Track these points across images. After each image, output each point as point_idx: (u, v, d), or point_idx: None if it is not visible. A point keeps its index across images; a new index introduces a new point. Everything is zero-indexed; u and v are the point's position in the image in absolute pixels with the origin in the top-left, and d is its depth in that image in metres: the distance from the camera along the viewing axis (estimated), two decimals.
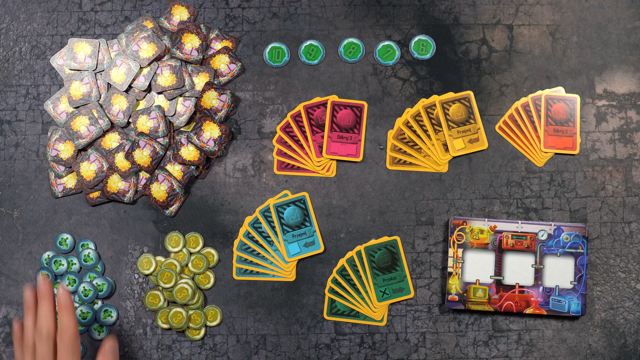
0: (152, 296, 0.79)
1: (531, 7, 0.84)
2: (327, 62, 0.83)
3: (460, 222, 0.78)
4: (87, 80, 0.81)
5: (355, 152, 0.81)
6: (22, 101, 0.83)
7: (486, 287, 0.77)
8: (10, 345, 0.80)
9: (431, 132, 0.81)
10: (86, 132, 0.80)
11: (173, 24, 0.84)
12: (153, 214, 0.81)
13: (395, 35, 0.84)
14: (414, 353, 0.79)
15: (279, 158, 0.82)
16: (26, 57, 0.84)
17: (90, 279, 0.79)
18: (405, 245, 0.80)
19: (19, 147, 0.82)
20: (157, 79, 0.81)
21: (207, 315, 0.79)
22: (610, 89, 0.82)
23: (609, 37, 0.83)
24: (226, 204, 0.81)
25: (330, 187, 0.82)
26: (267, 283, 0.80)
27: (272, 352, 0.79)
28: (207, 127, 0.80)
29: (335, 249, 0.81)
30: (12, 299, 0.80)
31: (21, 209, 0.81)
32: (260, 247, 0.80)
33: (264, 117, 0.83)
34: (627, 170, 0.81)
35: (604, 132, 0.82)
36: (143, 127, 0.80)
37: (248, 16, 0.84)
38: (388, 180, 0.82)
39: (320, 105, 0.82)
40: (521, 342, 0.79)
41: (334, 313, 0.80)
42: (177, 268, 0.79)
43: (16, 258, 0.81)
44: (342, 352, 0.79)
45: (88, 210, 0.81)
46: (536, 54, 0.83)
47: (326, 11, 0.84)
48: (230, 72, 0.83)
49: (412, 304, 0.80)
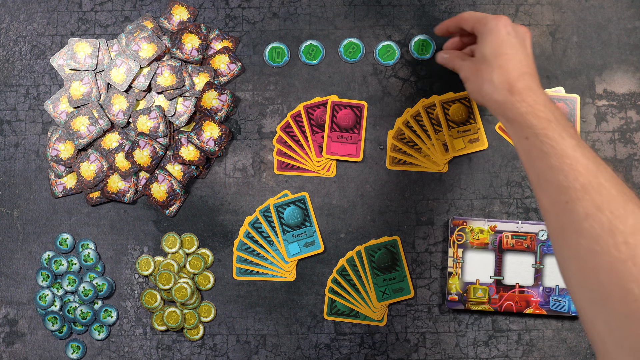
0: (149, 295, 0.79)
1: (531, 7, 0.84)
2: (327, 62, 0.83)
3: (460, 222, 0.78)
4: (87, 80, 0.81)
5: (355, 152, 0.81)
6: (22, 101, 0.83)
7: (486, 287, 0.77)
8: (11, 345, 0.80)
9: (431, 132, 0.81)
10: (86, 132, 0.80)
11: (173, 24, 0.84)
12: (153, 214, 0.81)
13: (395, 35, 0.84)
14: (414, 353, 0.79)
15: (279, 158, 0.82)
16: (26, 57, 0.84)
17: (90, 279, 0.79)
18: (405, 245, 0.80)
19: (19, 147, 0.82)
20: (157, 79, 0.81)
21: (199, 313, 0.79)
22: (610, 89, 0.82)
23: (609, 37, 0.83)
24: (226, 204, 0.81)
25: (330, 187, 0.82)
26: (267, 283, 0.80)
27: (272, 352, 0.79)
28: (207, 127, 0.80)
29: (335, 249, 0.81)
30: (12, 299, 0.80)
31: (21, 209, 0.81)
32: (260, 247, 0.80)
33: (264, 117, 0.83)
34: (627, 170, 0.81)
35: (604, 132, 0.82)
36: (143, 127, 0.80)
37: (248, 16, 0.84)
38: (388, 180, 0.82)
39: (320, 105, 0.82)
40: (521, 342, 0.79)
41: (334, 313, 0.80)
42: (175, 268, 0.79)
43: (16, 258, 0.81)
44: (342, 352, 0.79)
45: (88, 210, 0.81)
46: (536, 54, 0.83)
47: (326, 11, 0.84)
48: (230, 72, 0.83)
49: (412, 304, 0.80)
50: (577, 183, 0.52)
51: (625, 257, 0.47)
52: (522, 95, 0.60)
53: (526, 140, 0.58)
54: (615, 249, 0.48)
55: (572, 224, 0.52)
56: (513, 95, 0.61)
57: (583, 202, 0.51)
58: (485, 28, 0.67)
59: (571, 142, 0.55)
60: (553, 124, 0.57)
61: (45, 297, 0.79)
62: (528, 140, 0.58)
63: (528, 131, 0.58)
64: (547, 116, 0.58)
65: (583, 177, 0.53)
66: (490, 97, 0.64)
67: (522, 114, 0.59)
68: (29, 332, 0.80)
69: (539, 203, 0.57)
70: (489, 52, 0.65)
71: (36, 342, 0.80)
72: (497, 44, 0.65)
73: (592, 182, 0.52)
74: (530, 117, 0.58)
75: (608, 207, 0.50)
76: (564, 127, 0.57)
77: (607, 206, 0.50)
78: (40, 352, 0.80)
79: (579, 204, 0.52)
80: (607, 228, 0.49)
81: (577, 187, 0.52)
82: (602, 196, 0.51)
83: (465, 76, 0.69)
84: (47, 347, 0.80)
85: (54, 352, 0.80)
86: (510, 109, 0.61)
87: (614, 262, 0.48)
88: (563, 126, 0.57)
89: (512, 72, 0.63)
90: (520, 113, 0.60)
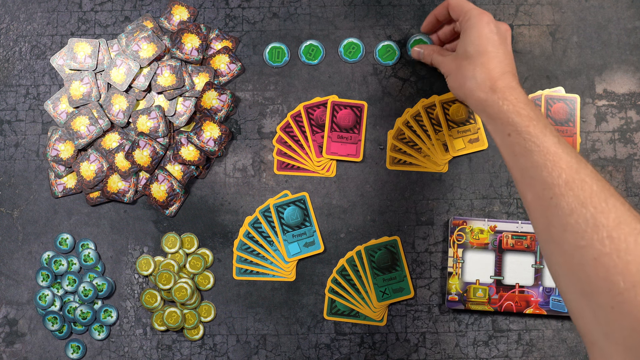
0: (149, 295, 0.79)
1: (531, 7, 0.84)
2: (327, 62, 0.83)
3: (460, 222, 0.78)
4: (87, 80, 0.81)
5: (355, 152, 0.81)
6: (22, 101, 0.83)
7: (486, 287, 0.77)
8: (11, 345, 0.80)
9: (431, 132, 0.81)
10: (86, 132, 0.80)
11: (173, 24, 0.84)
12: (153, 214, 0.81)
13: (395, 35, 0.84)
14: (414, 353, 0.79)
15: (279, 158, 0.82)
16: (26, 57, 0.84)
17: (90, 279, 0.79)
18: (405, 245, 0.80)
19: (19, 147, 0.82)
20: (157, 79, 0.81)
21: (199, 313, 0.79)
22: (610, 89, 0.82)
23: (609, 37, 0.83)
24: (226, 204, 0.81)
25: (330, 187, 0.82)
26: (267, 283, 0.80)
27: (272, 352, 0.79)
28: (207, 127, 0.80)
29: (335, 249, 0.81)
30: (12, 299, 0.80)
31: (21, 209, 0.81)
32: (260, 247, 0.80)
33: (264, 117, 0.83)
34: (627, 170, 0.81)
35: (604, 132, 0.82)
36: (143, 127, 0.80)
37: (248, 16, 0.84)
38: (388, 180, 0.82)
39: (320, 105, 0.82)
40: (521, 342, 0.79)
41: (334, 313, 0.80)
42: (175, 268, 0.79)
43: (16, 258, 0.81)
44: (342, 352, 0.79)
45: (88, 210, 0.81)
46: (536, 54, 0.83)
47: (326, 11, 0.84)
48: (230, 72, 0.83)
49: (412, 304, 0.80)
50: (560, 179, 0.54)
51: (610, 251, 0.49)
52: (504, 93, 0.62)
53: (509, 138, 0.60)
54: (600, 243, 0.49)
55: (558, 219, 0.53)
56: (495, 93, 0.62)
57: (567, 198, 0.53)
58: (468, 24, 0.68)
59: (553, 139, 0.57)
60: (534, 121, 0.59)
61: (45, 297, 0.79)
62: (510, 138, 0.59)
63: (510, 128, 0.59)
64: (529, 114, 0.59)
65: (566, 173, 0.54)
66: (472, 94, 0.65)
67: (504, 111, 0.61)
68: (29, 332, 0.80)
69: (523, 199, 0.58)
70: (472, 49, 0.66)
71: (36, 342, 0.80)
72: (479, 41, 0.66)
73: (575, 178, 0.53)
74: (513, 115, 0.60)
75: (591, 202, 0.51)
76: (545, 125, 0.58)
77: (590, 201, 0.51)
78: (40, 352, 0.80)
79: (563, 199, 0.53)
80: (591, 223, 0.50)
81: (560, 184, 0.54)
82: (584, 192, 0.52)
83: (447, 72, 0.71)
84: (47, 347, 0.80)
85: (54, 352, 0.80)
86: (492, 106, 0.62)
87: (599, 256, 0.49)
88: (544, 124, 0.58)
89: (494, 71, 0.64)
90: (502, 111, 0.61)
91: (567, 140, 0.81)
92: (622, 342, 0.46)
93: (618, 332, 0.47)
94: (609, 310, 0.47)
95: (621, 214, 0.50)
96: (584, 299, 0.50)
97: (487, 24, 0.67)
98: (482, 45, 0.66)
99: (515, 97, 0.61)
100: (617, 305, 0.47)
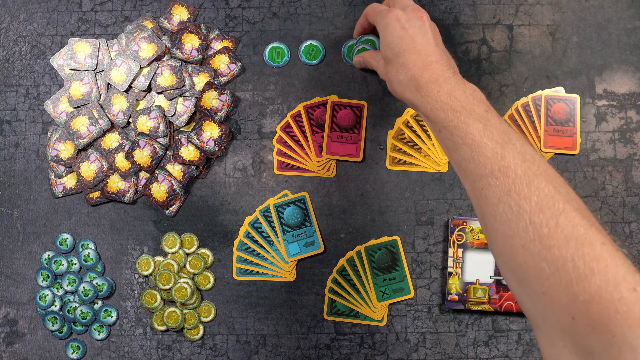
0: (149, 295, 0.79)
1: (531, 7, 0.84)
2: (327, 62, 0.83)
3: (460, 222, 0.78)
4: (87, 80, 0.81)
5: (355, 152, 0.81)
6: (22, 101, 0.83)
7: (486, 287, 0.77)
8: (11, 345, 0.80)
9: (431, 132, 0.81)
10: (86, 132, 0.80)
11: (173, 24, 0.84)
12: (153, 214, 0.81)
13: None
14: (414, 353, 0.79)
15: (279, 158, 0.82)
16: (26, 57, 0.84)
17: (90, 279, 0.79)
18: (405, 245, 0.80)
19: (19, 147, 0.82)
20: (157, 79, 0.81)
21: (199, 313, 0.79)
22: (610, 89, 0.82)
23: (609, 37, 0.83)
24: (226, 204, 0.81)
25: (330, 187, 0.82)
26: (267, 283, 0.80)
27: (272, 352, 0.79)
28: (207, 127, 0.80)
29: (335, 249, 0.81)
30: (12, 299, 0.80)
31: (21, 209, 0.81)
32: (260, 247, 0.80)
33: (264, 117, 0.83)
34: (627, 170, 0.81)
35: (604, 132, 0.82)
36: (143, 127, 0.80)
37: (248, 16, 0.84)
38: (388, 180, 0.82)
39: (320, 105, 0.82)
40: (521, 342, 0.79)
41: (334, 313, 0.80)
42: (175, 268, 0.79)
43: (16, 258, 0.81)
44: (342, 352, 0.79)
45: (88, 210, 0.81)
46: (536, 54, 0.83)
47: (326, 11, 0.84)
48: (230, 72, 0.83)
49: (412, 304, 0.80)
50: (486, 169, 0.54)
51: (533, 238, 0.49)
52: (427, 90, 0.60)
53: (440, 134, 0.60)
54: (524, 230, 0.49)
55: (488, 209, 0.53)
56: (419, 92, 0.61)
57: (494, 188, 0.53)
58: (380, 26, 0.67)
59: (477, 126, 0.56)
60: (458, 112, 0.57)
61: (45, 297, 0.79)
62: (441, 134, 0.59)
63: (439, 125, 0.59)
64: (452, 106, 0.58)
65: (491, 162, 0.54)
66: (403, 96, 0.64)
67: (430, 109, 0.60)
68: (29, 332, 0.80)
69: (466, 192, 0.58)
70: (390, 52, 0.65)
71: (36, 342, 0.80)
72: (394, 41, 0.65)
73: (500, 167, 0.53)
74: (438, 112, 0.59)
75: (515, 189, 0.51)
76: (470, 112, 0.57)
77: (514, 188, 0.51)
78: (40, 352, 0.80)
79: (491, 190, 0.53)
80: (515, 211, 0.50)
81: (487, 174, 0.54)
82: (509, 178, 0.52)
83: (382, 78, 0.69)
84: (47, 347, 0.80)
85: (54, 352, 0.80)
86: (420, 105, 0.62)
87: (525, 243, 0.49)
88: (469, 111, 0.57)
89: (414, 68, 0.62)
90: (428, 109, 0.60)
91: (567, 141, 0.81)
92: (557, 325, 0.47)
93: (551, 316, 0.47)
94: (541, 295, 0.48)
95: (542, 197, 0.50)
96: (520, 287, 0.51)
97: (396, 21, 0.65)
98: (397, 44, 0.64)
99: (437, 90, 0.60)
100: (546, 290, 0.47)
